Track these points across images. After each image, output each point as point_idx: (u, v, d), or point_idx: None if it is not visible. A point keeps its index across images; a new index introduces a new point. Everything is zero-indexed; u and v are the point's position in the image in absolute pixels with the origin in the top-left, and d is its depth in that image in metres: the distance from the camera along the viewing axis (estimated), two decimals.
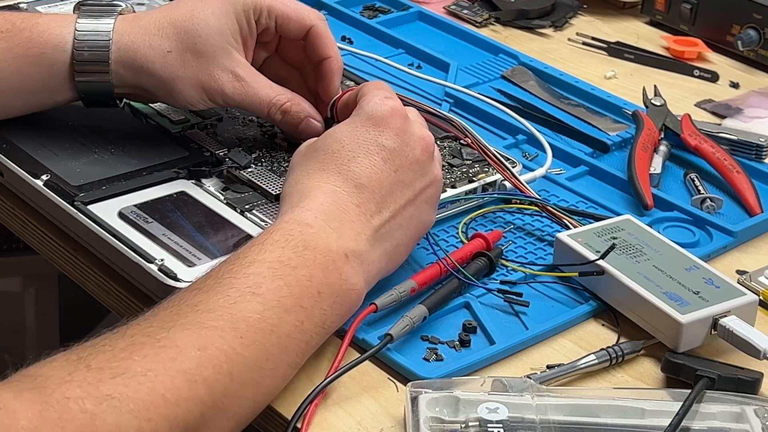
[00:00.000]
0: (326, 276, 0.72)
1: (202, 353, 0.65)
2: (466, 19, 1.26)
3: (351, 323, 0.75)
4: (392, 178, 0.78)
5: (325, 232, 0.74)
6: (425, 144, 0.80)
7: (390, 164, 0.78)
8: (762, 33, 1.18)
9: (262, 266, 0.71)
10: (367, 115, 0.79)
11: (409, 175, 0.79)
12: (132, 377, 0.62)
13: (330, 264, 0.73)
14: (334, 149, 0.78)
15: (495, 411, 0.69)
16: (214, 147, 0.93)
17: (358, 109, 0.81)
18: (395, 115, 0.79)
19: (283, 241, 0.72)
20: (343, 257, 0.74)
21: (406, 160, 0.79)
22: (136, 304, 0.81)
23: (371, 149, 0.78)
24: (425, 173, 0.80)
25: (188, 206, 0.86)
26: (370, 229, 0.76)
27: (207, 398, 0.65)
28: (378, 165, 0.78)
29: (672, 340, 0.77)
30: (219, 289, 0.69)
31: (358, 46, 1.17)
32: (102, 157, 0.90)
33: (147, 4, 1.16)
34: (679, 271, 0.81)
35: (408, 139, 0.79)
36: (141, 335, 0.65)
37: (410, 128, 0.80)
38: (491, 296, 0.82)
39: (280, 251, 0.72)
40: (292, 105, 0.90)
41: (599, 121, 1.07)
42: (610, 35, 1.25)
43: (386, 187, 0.78)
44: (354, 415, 0.72)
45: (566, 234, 0.84)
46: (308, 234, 0.73)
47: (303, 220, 0.74)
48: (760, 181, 0.98)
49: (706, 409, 0.71)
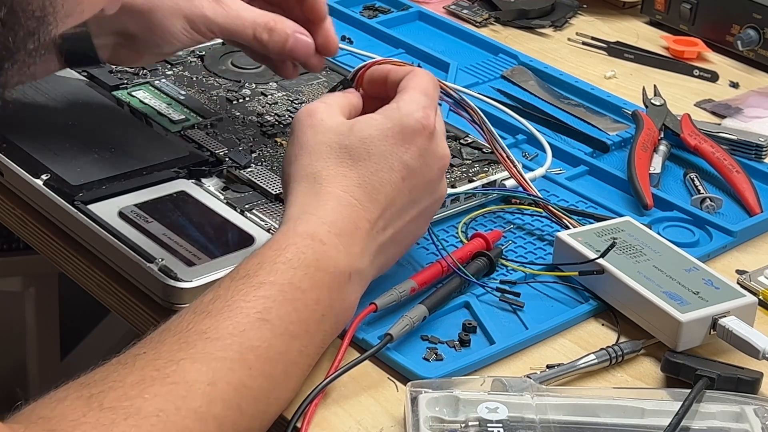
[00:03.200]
0: (331, 297, 0.72)
1: (212, 389, 0.64)
2: (466, 19, 1.26)
3: (351, 323, 0.75)
4: (405, 198, 0.77)
5: (335, 250, 0.73)
6: (442, 164, 0.79)
7: (407, 183, 0.77)
8: (762, 33, 1.18)
9: (272, 289, 0.69)
10: (401, 125, 0.77)
11: (421, 195, 0.78)
12: (144, 418, 0.62)
13: (335, 284, 0.72)
14: (361, 155, 0.76)
15: (495, 411, 0.69)
16: (214, 147, 0.93)
17: (394, 110, 0.78)
18: (425, 131, 0.77)
19: (296, 260, 0.71)
20: (347, 276, 0.73)
21: (422, 180, 0.78)
22: (136, 304, 0.81)
23: (394, 166, 0.76)
24: (434, 192, 0.80)
25: (188, 206, 0.86)
26: (374, 246, 0.76)
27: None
28: (397, 183, 0.76)
29: (671, 340, 0.77)
30: (228, 314, 0.68)
31: (358, 46, 1.17)
32: (102, 157, 0.90)
33: None
34: (678, 271, 0.81)
35: (429, 159, 0.78)
36: (150, 368, 0.64)
37: (433, 146, 0.78)
38: (491, 296, 0.82)
39: (293, 272, 0.70)
40: (277, 23, 0.87)
41: (599, 121, 1.07)
42: (610, 35, 1.25)
43: (398, 205, 0.77)
44: (354, 414, 0.72)
45: (566, 233, 0.85)
46: (320, 252, 0.72)
47: (316, 235, 0.73)
48: (759, 181, 0.98)
49: (706, 409, 0.71)
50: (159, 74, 1.04)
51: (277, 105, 1.00)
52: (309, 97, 1.02)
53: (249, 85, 1.03)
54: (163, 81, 1.03)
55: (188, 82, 1.03)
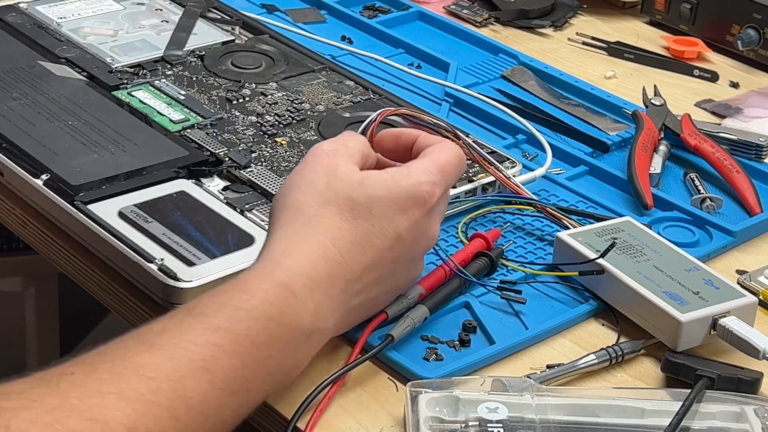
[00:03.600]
0: (283, 356, 0.68)
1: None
2: (466, 18, 1.26)
3: (363, 331, 0.75)
4: (387, 268, 0.74)
5: (304, 306, 0.68)
6: (428, 244, 0.77)
7: (393, 252, 0.74)
8: (762, 33, 1.18)
9: (226, 338, 0.64)
10: (406, 192, 0.74)
11: (400, 269, 0.76)
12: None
13: (292, 342, 0.68)
14: (362, 213, 0.72)
15: (495, 411, 0.69)
16: (214, 147, 0.93)
17: (404, 175, 0.75)
18: (425, 206, 0.74)
19: (260, 311, 0.66)
20: (307, 336, 0.69)
21: (407, 255, 0.75)
22: (136, 304, 0.81)
23: (388, 233, 0.73)
24: (411, 270, 0.77)
25: (188, 206, 0.86)
26: (343, 308, 0.72)
27: None
28: (384, 250, 0.73)
29: (671, 339, 0.77)
30: (172, 353, 0.63)
31: (358, 46, 1.17)
32: (102, 157, 0.90)
33: (147, 4, 1.16)
34: (678, 271, 0.81)
35: (419, 236, 0.75)
36: (74, 394, 0.59)
37: (427, 224, 0.75)
38: (491, 296, 0.82)
39: (252, 323, 0.66)
40: None
41: (599, 121, 1.07)
42: (610, 35, 1.25)
43: (378, 272, 0.73)
44: (354, 414, 0.72)
45: (566, 233, 0.84)
46: (288, 306, 0.68)
47: (291, 286, 0.68)
48: (759, 181, 0.98)
49: (706, 409, 0.71)
50: (159, 74, 1.04)
51: (277, 105, 1.00)
52: (309, 97, 1.02)
53: (249, 85, 1.03)
54: (163, 81, 1.03)
55: (188, 82, 1.03)
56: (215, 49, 1.08)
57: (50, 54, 1.05)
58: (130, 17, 1.14)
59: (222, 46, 1.09)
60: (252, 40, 1.12)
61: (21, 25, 1.11)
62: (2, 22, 1.11)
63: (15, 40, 1.08)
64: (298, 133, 0.96)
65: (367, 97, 1.03)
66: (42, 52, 1.06)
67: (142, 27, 1.12)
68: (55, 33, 1.10)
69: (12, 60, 1.04)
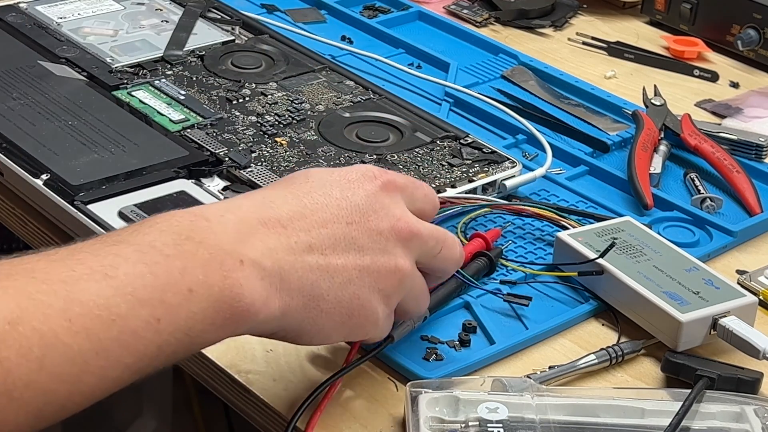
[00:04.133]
0: (206, 274, 0.60)
1: (11, 329, 0.54)
2: (466, 18, 1.26)
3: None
4: (342, 229, 0.66)
5: (221, 228, 0.61)
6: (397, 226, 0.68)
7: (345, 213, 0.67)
8: (762, 33, 1.18)
9: (128, 247, 0.59)
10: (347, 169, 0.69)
11: (365, 241, 0.67)
12: None
13: (215, 263, 0.60)
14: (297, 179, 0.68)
15: (495, 411, 0.69)
16: (214, 147, 0.93)
17: None
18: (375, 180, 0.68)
19: (165, 225, 0.61)
20: (237, 262, 0.61)
21: (367, 225, 0.67)
22: None
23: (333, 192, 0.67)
24: (384, 250, 0.67)
25: (188, 206, 0.86)
26: (291, 257, 0.63)
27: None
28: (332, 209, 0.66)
29: (672, 340, 0.77)
30: (68, 262, 0.58)
31: (358, 45, 1.17)
32: (102, 157, 0.90)
33: (147, 4, 1.16)
34: (679, 271, 0.81)
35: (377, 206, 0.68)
36: None
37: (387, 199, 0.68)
38: (491, 296, 0.82)
39: (157, 235, 0.60)
40: None
41: (599, 121, 1.07)
42: (610, 35, 1.25)
43: (331, 229, 0.66)
44: (354, 415, 0.72)
45: (566, 233, 0.84)
46: (199, 227, 0.61)
47: (203, 213, 0.62)
48: (760, 181, 0.98)
49: (706, 409, 0.71)
50: (159, 74, 1.04)
51: (277, 105, 1.00)
52: (309, 97, 1.02)
53: (249, 85, 1.03)
54: (163, 81, 1.03)
55: (188, 82, 1.03)
56: (215, 49, 1.08)
57: (50, 54, 1.05)
58: (130, 17, 1.14)
59: (222, 46, 1.09)
60: (252, 40, 1.12)
61: (21, 25, 1.11)
62: (2, 22, 1.11)
63: (15, 40, 1.08)
64: (298, 133, 0.96)
65: (367, 97, 1.03)
66: (42, 52, 1.06)
67: (142, 27, 1.12)
68: (55, 33, 1.10)
69: (12, 60, 1.04)
